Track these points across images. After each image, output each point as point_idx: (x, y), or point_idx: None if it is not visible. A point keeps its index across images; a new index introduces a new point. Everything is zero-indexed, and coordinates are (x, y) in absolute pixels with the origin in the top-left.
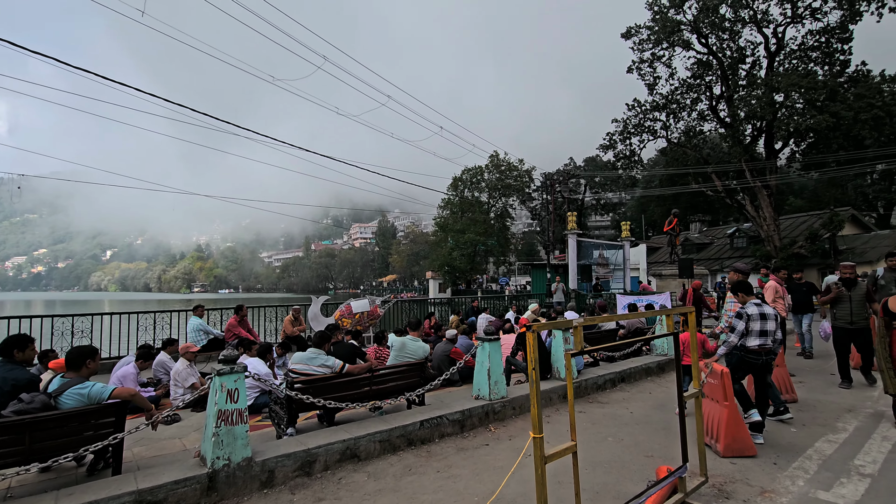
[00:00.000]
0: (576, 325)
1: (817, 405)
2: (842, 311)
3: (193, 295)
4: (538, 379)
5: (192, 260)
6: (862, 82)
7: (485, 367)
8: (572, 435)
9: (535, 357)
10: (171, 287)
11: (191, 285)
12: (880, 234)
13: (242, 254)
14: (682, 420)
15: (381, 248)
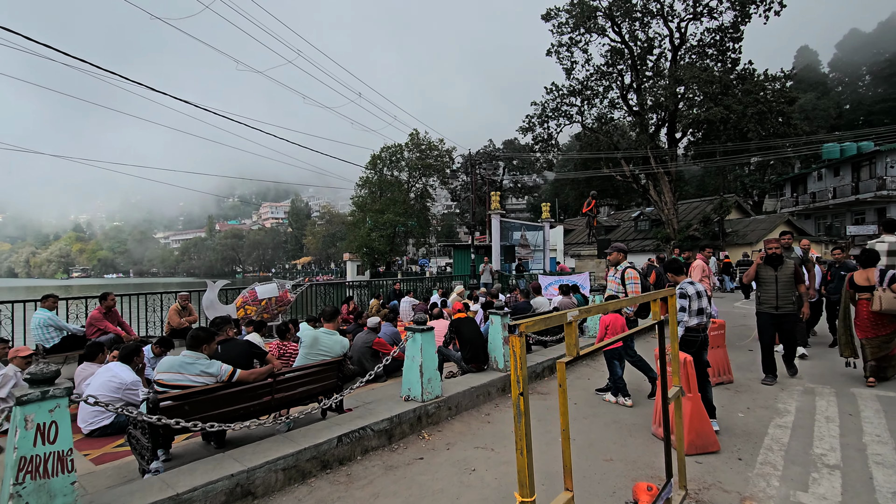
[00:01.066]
0: (570, 320)
1: (751, 385)
2: (766, 293)
3: (72, 281)
4: (526, 409)
5: (69, 241)
6: (749, 80)
7: (416, 363)
8: (567, 481)
9: (522, 377)
10: (44, 272)
11: (69, 270)
12: (758, 219)
13: (133, 234)
14: (666, 430)
15: (294, 228)
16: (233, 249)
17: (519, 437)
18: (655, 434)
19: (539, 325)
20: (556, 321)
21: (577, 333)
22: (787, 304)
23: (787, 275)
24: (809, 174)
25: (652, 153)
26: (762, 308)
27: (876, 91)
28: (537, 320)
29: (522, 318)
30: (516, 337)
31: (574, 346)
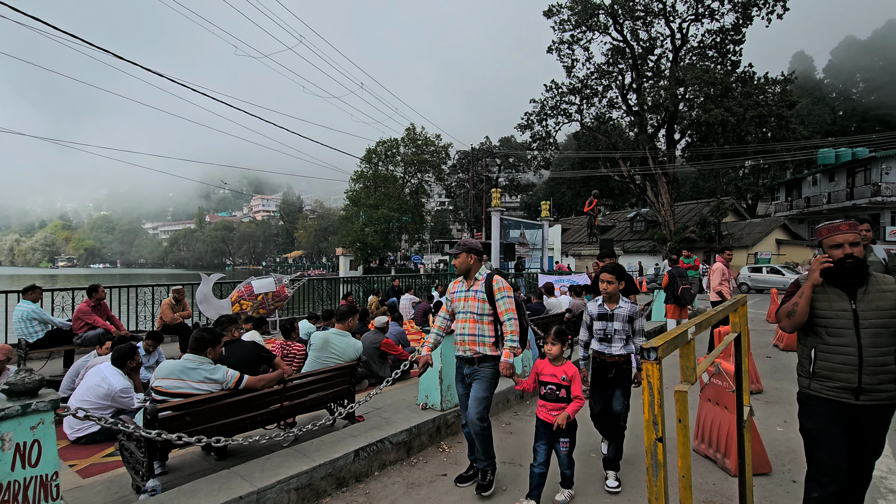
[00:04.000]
0: (691, 336)
1: (781, 395)
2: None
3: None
4: (665, 458)
5: (55, 229)
6: (749, 83)
7: (436, 369)
8: None
9: (661, 417)
10: (28, 260)
11: (54, 259)
12: (753, 222)
13: (121, 224)
14: (741, 457)
15: (286, 222)
16: (223, 241)
17: (654, 494)
18: (698, 451)
19: (670, 346)
20: (680, 339)
21: (694, 349)
22: (884, 380)
23: (885, 310)
24: (804, 179)
25: (650, 154)
26: (821, 387)
27: (869, 98)
28: (671, 341)
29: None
30: (654, 364)
31: (692, 369)
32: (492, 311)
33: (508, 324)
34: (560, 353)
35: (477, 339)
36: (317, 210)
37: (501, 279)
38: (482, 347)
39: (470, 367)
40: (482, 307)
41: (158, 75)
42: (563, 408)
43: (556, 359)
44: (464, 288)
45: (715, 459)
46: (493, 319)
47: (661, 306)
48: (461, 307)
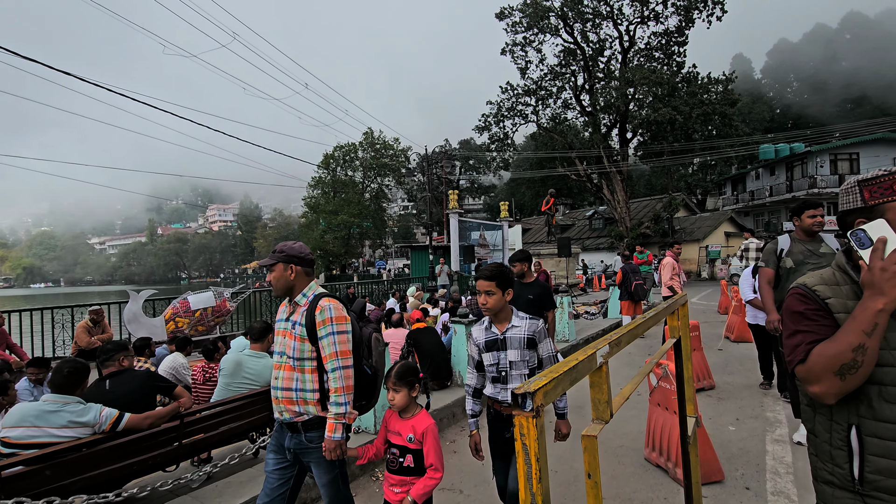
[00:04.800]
0: (601, 361)
1: (732, 390)
2: None
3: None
4: None
5: None
6: (693, 82)
7: None
8: None
9: (543, 496)
10: None
11: None
12: (703, 216)
13: (63, 240)
14: (687, 472)
15: (244, 231)
16: (176, 254)
17: None
18: (649, 459)
19: (561, 387)
20: (584, 367)
21: (608, 375)
22: None
23: None
24: (748, 174)
25: (604, 153)
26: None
27: (802, 97)
28: (564, 374)
29: None
30: (529, 418)
31: (606, 402)
32: (317, 354)
33: (334, 376)
34: (408, 402)
35: (295, 395)
36: (276, 218)
37: (332, 304)
38: (306, 407)
39: (294, 436)
40: (301, 348)
41: (96, 85)
42: (410, 484)
43: (405, 410)
44: (283, 317)
45: (666, 469)
46: (319, 366)
47: (616, 303)
48: (277, 346)
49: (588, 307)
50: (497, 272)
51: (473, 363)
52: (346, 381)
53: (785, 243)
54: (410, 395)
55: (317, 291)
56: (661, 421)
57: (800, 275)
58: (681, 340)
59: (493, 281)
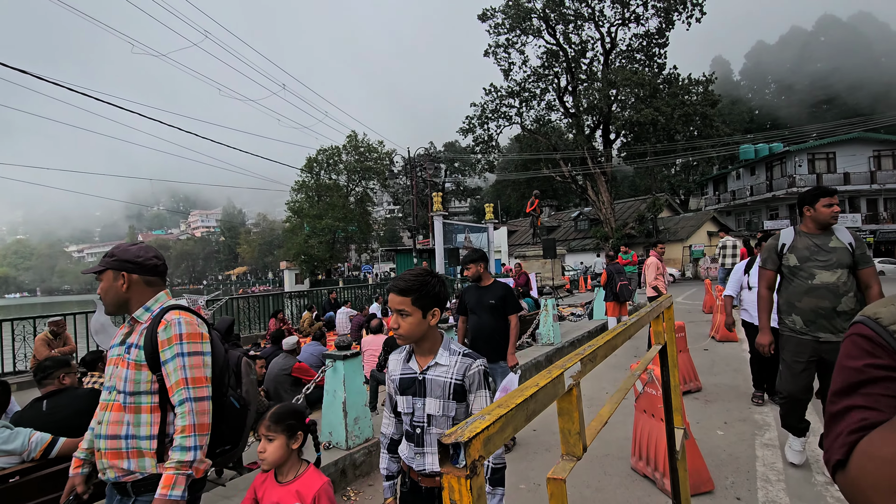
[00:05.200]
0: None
1: (719, 392)
2: None
3: None
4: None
5: None
6: (674, 84)
7: (338, 400)
8: None
9: None
10: None
11: None
12: (687, 216)
13: (39, 248)
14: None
15: (227, 237)
16: None
17: None
18: (636, 468)
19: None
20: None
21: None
22: None
23: None
24: (729, 174)
25: (588, 154)
26: None
27: (780, 98)
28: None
29: None
30: (460, 477)
31: (578, 434)
32: (160, 386)
33: (182, 410)
34: (286, 456)
35: (125, 444)
36: (260, 223)
37: (184, 318)
38: (140, 461)
39: (124, 500)
40: (136, 378)
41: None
42: None
43: (283, 468)
44: (118, 340)
45: (654, 479)
46: (162, 402)
47: (602, 304)
48: (107, 379)
49: (574, 308)
50: (415, 284)
51: (390, 405)
52: (200, 416)
53: (788, 237)
54: (290, 447)
55: (165, 304)
56: (648, 429)
57: (805, 273)
58: (666, 347)
59: (407, 296)
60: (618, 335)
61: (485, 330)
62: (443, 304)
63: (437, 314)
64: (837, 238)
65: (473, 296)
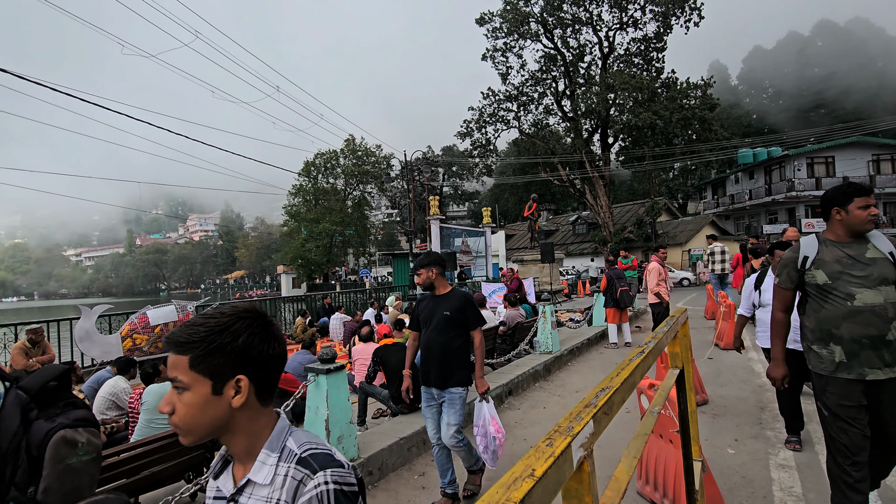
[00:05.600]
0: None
1: (727, 404)
2: None
3: None
4: None
5: None
6: (672, 87)
7: (321, 417)
8: None
9: None
10: None
11: None
12: (685, 220)
13: (37, 252)
14: None
15: (225, 241)
16: (155, 265)
17: None
18: (642, 493)
19: None
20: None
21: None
22: None
23: None
24: (728, 178)
25: (586, 158)
26: None
27: (777, 102)
28: None
29: None
30: None
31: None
32: None
33: None
34: None
35: None
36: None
37: None
38: None
39: None
40: None
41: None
42: None
43: None
44: None
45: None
46: None
47: (601, 311)
48: None
49: (573, 314)
50: (200, 333)
51: None
52: None
53: (811, 249)
54: None
55: None
56: (656, 451)
57: (840, 292)
58: (684, 371)
59: (183, 354)
60: (636, 369)
61: (434, 348)
62: (257, 366)
63: (245, 387)
64: (875, 247)
65: (427, 307)
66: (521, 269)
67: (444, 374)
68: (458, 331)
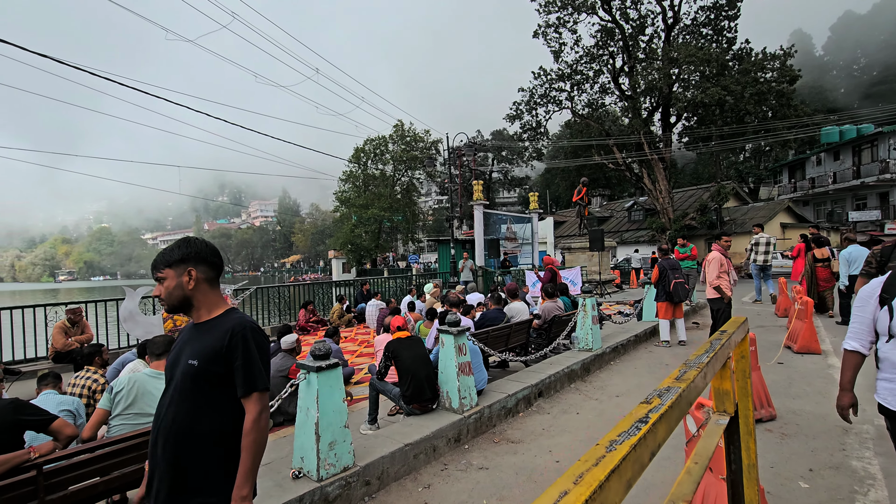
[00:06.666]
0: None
1: (800, 421)
2: None
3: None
4: None
5: (54, 243)
6: (746, 59)
7: (311, 419)
8: None
9: None
10: (29, 275)
11: (55, 273)
12: (757, 206)
13: (120, 235)
14: None
15: (282, 226)
16: (221, 249)
17: None
18: None
19: None
20: None
21: None
22: None
23: None
24: (808, 159)
25: (645, 139)
26: None
27: (871, 74)
28: None
29: (493, 332)
30: None
31: None
32: None
33: None
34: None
35: None
36: (313, 213)
37: None
38: None
39: None
40: None
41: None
42: None
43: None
44: None
45: None
46: None
47: (653, 304)
48: None
49: (621, 307)
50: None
51: None
52: None
53: None
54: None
55: None
56: (704, 487)
57: None
58: (738, 417)
59: (165, 261)
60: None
61: (163, 436)
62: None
63: (195, 275)
64: None
65: (176, 348)
66: (568, 256)
67: (172, 494)
68: (213, 398)
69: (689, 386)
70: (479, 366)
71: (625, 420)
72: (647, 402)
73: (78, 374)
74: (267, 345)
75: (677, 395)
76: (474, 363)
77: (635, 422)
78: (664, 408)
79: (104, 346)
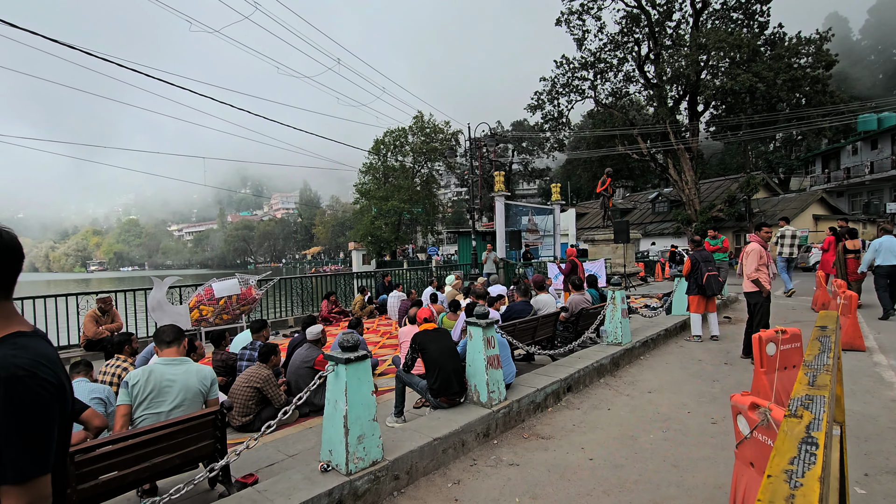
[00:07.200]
0: None
1: (850, 424)
2: None
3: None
4: None
5: (86, 235)
6: (779, 45)
7: (339, 412)
8: None
9: None
10: (63, 266)
11: (86, 263)
12: (788, 197)
13: (147, 227)
14: None
15: (304, 218)
16: (244, 241)
17: None
18: None
19: None
20: None
21: None
22: None
23: None
24: (843, 148)
25: (671, 128)
26: None
27: None
28: None
29: (520, 324)
30: None
31: None
32: None
33: None
34: None
35: None
36: (334, 205)
37: None
38: None
39: None
40: None
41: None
42: None
43: None
44: None
45: None
46: None
47: (683, 298)
48: None
49: (648, 300)
50: None
51: None
52: None
53: None
54: None
55: None
56: (754, 487)
57: None
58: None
59: None
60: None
61: None
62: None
63: None
64: None
65: None
66: (592, 248)
67: None
68: None
69: (830, 393)
70: (507, 359)
71: (782, 440)
72: (795, 417)
73: (108, 362)
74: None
75: (826, 405)
76: (503, 356)
77: (799, 443)
78: (824, 424)
79: (134, 335)
